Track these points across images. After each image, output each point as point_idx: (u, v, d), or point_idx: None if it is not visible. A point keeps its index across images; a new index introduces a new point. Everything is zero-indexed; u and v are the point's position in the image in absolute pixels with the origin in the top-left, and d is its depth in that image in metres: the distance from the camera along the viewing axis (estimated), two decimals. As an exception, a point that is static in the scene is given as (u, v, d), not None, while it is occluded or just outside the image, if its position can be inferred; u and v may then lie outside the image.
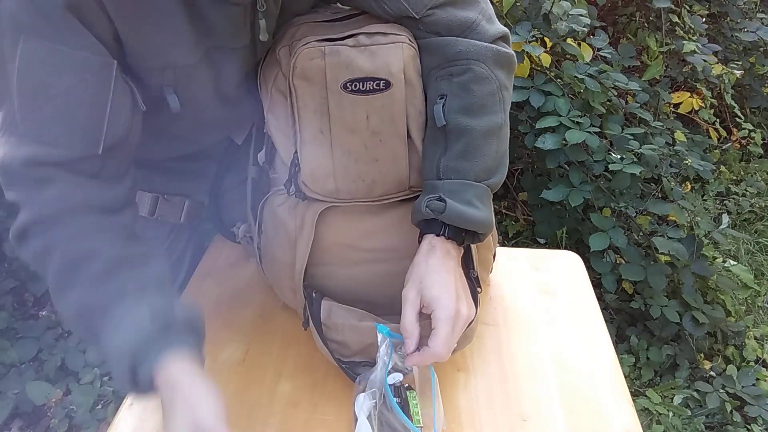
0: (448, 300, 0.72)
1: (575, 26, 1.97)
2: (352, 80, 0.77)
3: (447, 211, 0.75)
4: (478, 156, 0.79)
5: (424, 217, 0.77)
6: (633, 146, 1.98)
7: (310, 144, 0.80)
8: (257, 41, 0.80)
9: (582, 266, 1.09)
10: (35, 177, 0.67)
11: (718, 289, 2.11)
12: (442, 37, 0.80)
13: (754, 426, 1.82)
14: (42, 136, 0.66)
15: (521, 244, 2.39)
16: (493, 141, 0.80)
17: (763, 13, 2.99)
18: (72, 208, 0.68)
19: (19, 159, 0.66)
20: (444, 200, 0.76)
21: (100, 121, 0.68)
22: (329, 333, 0.83)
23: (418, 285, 0.74)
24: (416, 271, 0.75)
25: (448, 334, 0.71)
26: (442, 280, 0.74)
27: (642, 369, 1.99)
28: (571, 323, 0.96)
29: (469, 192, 0.77)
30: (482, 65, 0.79)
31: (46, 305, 2.01)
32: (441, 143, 0.80)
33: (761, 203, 2.82)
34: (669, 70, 2.66)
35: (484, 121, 0.79)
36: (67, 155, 0.67)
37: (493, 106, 0.80)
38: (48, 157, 0.66)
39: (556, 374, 0.87)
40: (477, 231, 0.78)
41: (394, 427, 0.73)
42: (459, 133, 0.79)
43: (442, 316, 0.71)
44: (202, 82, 0.79)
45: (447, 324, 0.71)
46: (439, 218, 0.76)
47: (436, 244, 0.76)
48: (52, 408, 1.75)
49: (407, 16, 0.80)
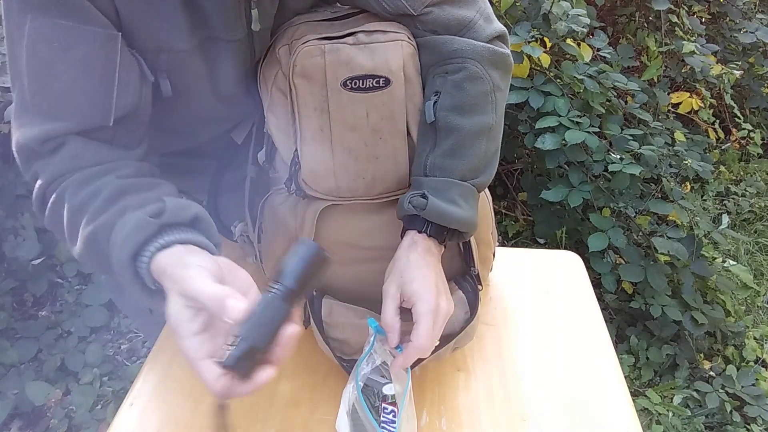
0: (428, 294, 0.72)
1: (575, 26, 1.97)
2: (352, 78, 0.77)
3: (428, 208, 0.76)
4: (465, 155, 0.79)
5: (406, 212, 0.78)
6: (632, 146, 1.99)
7: (311, 142, 0.80)
8: (253, 36, 0.80)
9: (582, 266, 1.09)
10: (50, 147, 0.68)
11: (718, 289, 2.12)
12: (440, 35, 0.80)
13: (754, 426, 1.83)
14: (53, 112, 0.67)
15: (521, 244, 2.39)
16: (482, 141, 0.80)
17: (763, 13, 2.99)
18: (83, 165, 0.69)
19: (34, 139, 0.68)
20: (426, 197, 0.76)
21: (109, 92, 0.69)
22: (330, 331, 0.83)
23: (398, 279, 0.75)
24: (397, 265, 0.76)
25: (429, 327, 0.71)
26: (422, 275, 0.74)
27: (642, 369, 1.99)
28: (571, 323, 0.96)
29: (452, 190, 0.78)
30: (477, 64, 0.80)
31: (46, 305, 2.01)
32: (430, 140, 0.80)
33: (761, 203, 2.82)
34: (668, 71, 2.66)
35: (474, 120, 0.79)
36: (80, 128, 0.69)
37: (484, 106, 0.80)
38: (61, 130, 0.68)
39: (556, 374, 0.87)
40: (459, 229, 0.79)
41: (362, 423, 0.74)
42: (448, 131, 0.79)
43: (422, 309, 0.72)
44: (195, 72, 0.79)
45: (428, 317, 0.71)
46: (420, 215, 0.76)
47: (418, 240, 0.77)
48: (52, 408, 1.75)
49: (405, 14, 0.80)
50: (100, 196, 0.67)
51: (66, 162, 0.69)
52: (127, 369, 1.88)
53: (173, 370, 0.86)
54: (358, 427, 0.74)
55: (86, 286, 2.03)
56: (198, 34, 0.75)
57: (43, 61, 0.66)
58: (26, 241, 1.87)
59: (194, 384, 0.84)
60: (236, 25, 0.77)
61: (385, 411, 0.74)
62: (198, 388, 0.83)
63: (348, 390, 0.76)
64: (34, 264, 1.92)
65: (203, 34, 0.76)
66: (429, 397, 0.83)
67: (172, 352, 0.89)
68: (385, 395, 0.75)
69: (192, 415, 0.80)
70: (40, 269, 1.94)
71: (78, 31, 0.65)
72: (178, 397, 0.82)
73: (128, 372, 1.86)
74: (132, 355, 1.96)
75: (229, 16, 0.76)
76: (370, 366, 0.76)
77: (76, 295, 2.00)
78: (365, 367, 0.76)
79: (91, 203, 0.67)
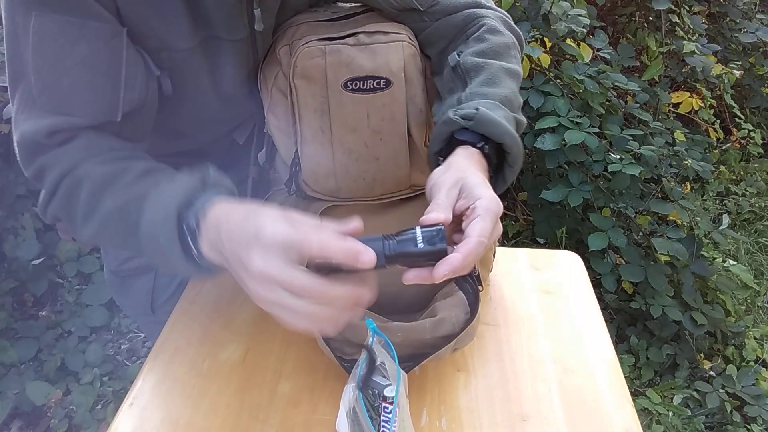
0: (493, 197, 0.60)
1: (574, 26, 1.97)
2: (353, 79, 0.77)
3: (478, 116, 0.68)
4: (501, 85, 0.74)
5: (453, 127, 0.70)
6: (632, 146, 1.99)
7: (311, 143, 0.80)
8: (256, 36, 0.80)
9: (582, 266, 1.09)
10: (59, 140, 0.68)
11: (718, 289, 2.12)
12: None
13: (754, 426, 1.83)
14: (61, 108, 0.67)
15: (521, 244, 2.39)
16: (513, 81, 0.77)
17: (763, 13, 2.99)
18: (96, 154, 0.69)
19: (41, 132, 0.67)
20: (476, 108, 0.69)
21: (116, 87, 0.69)
22: (330, 331, 0.83)
23: (459, 174, 0.63)
24: (456, 165, 0.66)
25: (489, 226, 0.58)
26: (485, 182, 0.63)
27: (642, 369, 2.00)
28: (571, 323, 0.96)
29: (497, 111, 0.71)
30: (495, 21, 0.81)
31: (46, 305, 2.01)
32: (459, 84, 0.77)
33: (761, 203, 2.82)
34: (668, 70, 2.66)
35: (501, 62, 0.77)
36: (88, 123, 0.68)
37: (508, 56, 0.79)
38: (70, 125, 0.68)
39: (556, 374, 0.87)
40: (510, 151, 0.70)
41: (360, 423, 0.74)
42: (477, 69, 0.76)
43: (490, 206, 0.59)
44: (197, 71, 0.79)
45: (493, 216, 0.59)
46: (469, 127, 0.69)
47: (474, 153, 0.69)
48: (52, 408, 1.75)
49: (412, 8, 0.80)
50: (130, 172, 0.66)
51: (82, 150, 0.68)
52: (127, 369, 1.88)
53: (173, 370, 0.86)
54: (358, 428, 0.74)
55: (86, 286, 2.03)
56: (200, 33, 0.75)
57: (50, 58, 0.66)
58: (26, 241, 1.88)
59: (194, 384, 0.84)
60: (238, 25, 0.77)
61: (386, 411, 0.74)
62: (198, 388, 0.83)
63: (348, 391, 0.76)
64: (34, 264, 1.92)
65: (205, 34, 0.76)
66: (429, 397, 0.83)
67: (173, 352, 0.89)
68: (386, 396, 0.75)
69: (192, 415, 0.80)
70: (40, 269, 1.94)
71: (83, 28, 0.66)
72: (178, 397, 0.82)
73: (128, 372, 1.87)
74: (132, 355, 1.96)
75: (230, 16, 0.76)
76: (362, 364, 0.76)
77: (76, 295, 2.00)
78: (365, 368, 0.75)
79: (119, 179, 0.66)
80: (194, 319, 0.94)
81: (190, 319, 0.94)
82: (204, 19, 0.74)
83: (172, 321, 0.94)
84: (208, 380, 0.84)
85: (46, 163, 0.69)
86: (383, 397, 0.75)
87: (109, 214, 0.65)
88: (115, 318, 2.00)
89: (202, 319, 0.93)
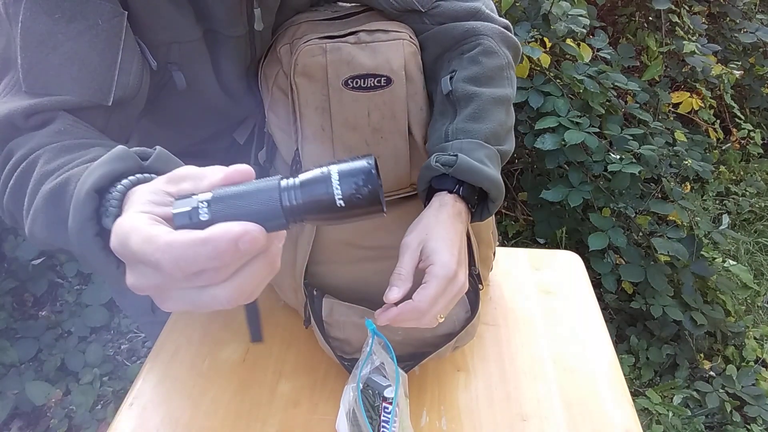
0: (449, 258, 0.66)
1: (574, 26, 1.97)
2: (354, 77, 0.77)
3: (457, 164, 0.71)
4: (487, 119, 0.76)
5: (433, 173, 0.73)
6: (632, 146, 1.99)
7: (312, 141, 0.80)
8: (254, 33, 0.80)
9: (582, 266, 1.09)
10: (35, 122, 0.60)
11: (718, 289, 2.12)
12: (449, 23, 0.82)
13: (754, 426, 1.83)
14: (47, 88, 0.61)
15: (521, 244, 2.39)
16: (502, 110, 0.78)
17: (763, 13, 2.99)
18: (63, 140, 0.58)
19: (18, 112, 0.59)
20: (455, 155, 0.72)
21: (111, 68, 0.65)
22: (331, 330, 0.83)
23: (422, 235, 0.68)
24: (423, 222, 0.70)
25: (437, 293, 0.64)
26: (449, 237, 0.68)
27: (642, 369, 2.00)
28: (571, 323, 0.96)
29: (479, 151, 0.74)
30: (491, 40, 0.81)
31: (46, 305, 2.01)
32: (449, 113, 0.79)
33: (761, 203, 2.82)
34: (668, 70, 2.66)
35: (492, 90, 0.78)
36: (76, 102, 0.62)
37: (501, 79, 0.80)
38: (53, 104, 0.61)
39: (556, 374, 0.87)
40: (489, 192, 0.74)
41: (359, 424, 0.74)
42: (467, 99, 0.77)
43: (438, 272, 0.65)
44: (203, 63, 0.79)
45: (440, 282, 0.65)
46: (449, 173, 0.72)
47: (448, 201, 0.72)
48: (52, 408, 1.75)
49: (413, 10, 0.80)
50: (80, 159, 0.54)
51: (50, 136, 0.59)
52: (127, 369, 1.88)
53: (173, 370, 0.86)
54: (357, 428, 0.74)
55: (86, 286, 2.03)
56: (202, 25, 0.76)
57: (41, 34, 0.62)
58: (26, 241, 1.87)
59: (194, 384, 0.84)
60: (237, 22, 0.77)
61: (386, 411, 0.74)
62: (198, 388, 0.83)
63: (348, 391, 0.76)
64: (34, 264, 1.92)
65: (206, 26, 0.76)
66: (429, 397, 0.83)
67: (173, 352, 0.89)
68: (386, 397, 0.75)
69: (192, 415, 0.80)
70: (40, 269, 1.94)
71: (84, 4, 0.63)
72: (178, 397, 0.82)
73: (128, 372, 1.86)
74: (132, 355, 1.96)
75: (230, 12, 0.76)
76: (370, 367, 0.76)
77: (76, 295, 2.00)
78: (365, 369, 0.75)
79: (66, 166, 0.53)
80: (194, 319, 0.94)
81: (190, 319, 0.94)
82: (205, 11, 0.74)
83: (172, 321, 0.94)
84: (208, 380, 0.84)
85: (14, 147, 0.59)
86: (383, 397, 0.75)
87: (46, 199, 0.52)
88: (115, 318, 2.00)
89: (202, 319, 0.93)
